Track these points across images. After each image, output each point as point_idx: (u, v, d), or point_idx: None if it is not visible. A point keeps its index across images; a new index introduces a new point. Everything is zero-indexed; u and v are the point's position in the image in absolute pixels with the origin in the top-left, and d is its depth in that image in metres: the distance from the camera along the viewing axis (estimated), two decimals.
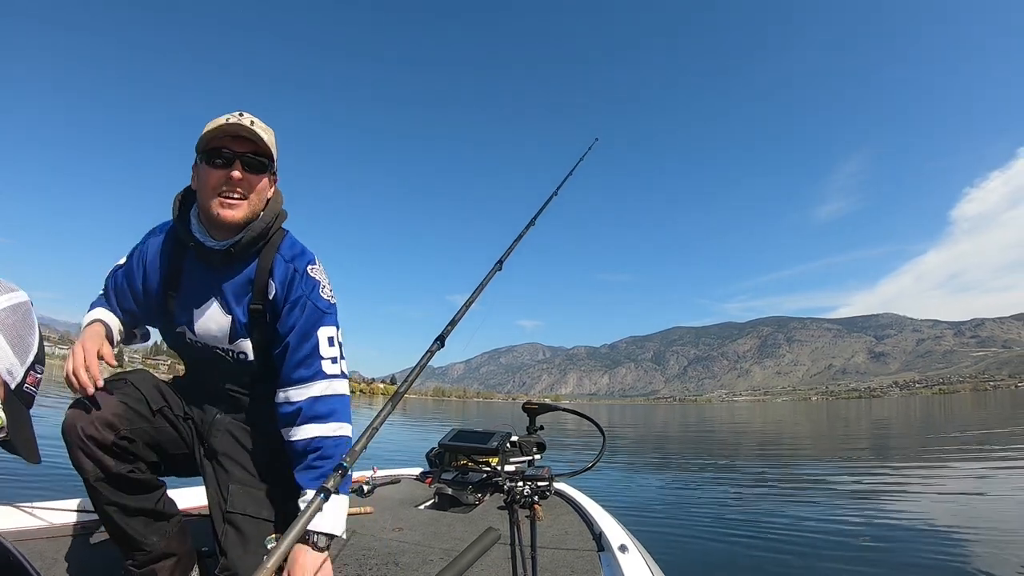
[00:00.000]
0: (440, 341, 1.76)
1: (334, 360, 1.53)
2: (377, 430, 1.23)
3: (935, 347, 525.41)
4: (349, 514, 1.72)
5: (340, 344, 1.57)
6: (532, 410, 2.25)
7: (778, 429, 22.58)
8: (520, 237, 2.44)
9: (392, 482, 2.94)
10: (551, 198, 2.67)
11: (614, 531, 1.88)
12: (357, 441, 1.17)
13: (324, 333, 1.53)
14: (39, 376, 0.94)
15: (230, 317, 1.53)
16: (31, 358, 0.90)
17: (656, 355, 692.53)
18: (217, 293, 1.52)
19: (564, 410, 2.33)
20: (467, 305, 2.10)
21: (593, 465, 2.22)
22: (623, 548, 1.65)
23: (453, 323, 1.90)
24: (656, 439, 16.41)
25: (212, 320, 1.54)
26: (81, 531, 1.80)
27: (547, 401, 2.34)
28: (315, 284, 1.54)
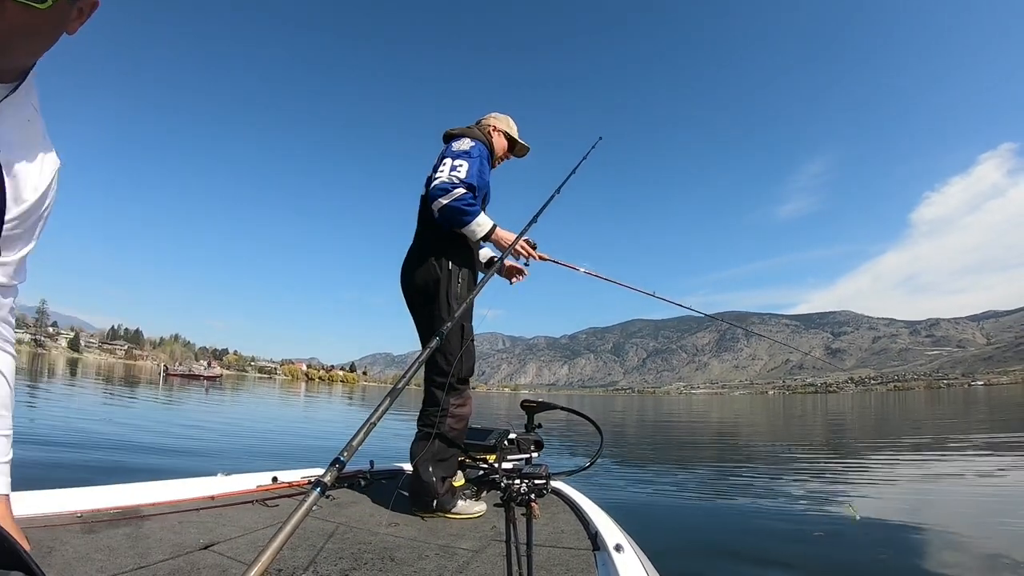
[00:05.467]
0: (440, 337, 1.77)
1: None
2: (375, 425, 1.22)
3: (891, 345, 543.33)
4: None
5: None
6: (530, 408, 2.26)
7: (753, 423, 23.09)
8: (521, 235, 2.44)
9: (389, 477, 2.91)
10: (553, 196, 2.68)
11: (610, 530, 1.89)
12: (354, 436, 1.16)
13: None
14: None
15: None
16: None
17: (616, 347, 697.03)
18: None
19: (563, 409, 2.34)
20: (470, 302, 2.11)
21: (591, 464, 2.23)
22: (619, 547, 1.66)
23: (452, 323, 1.91)
24: (635, 433, 16.62)
25: None
26: (78, 520, 1.75)
27: (542, 399, 2.33)
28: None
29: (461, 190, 2.37)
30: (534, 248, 2.61)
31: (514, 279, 2.80)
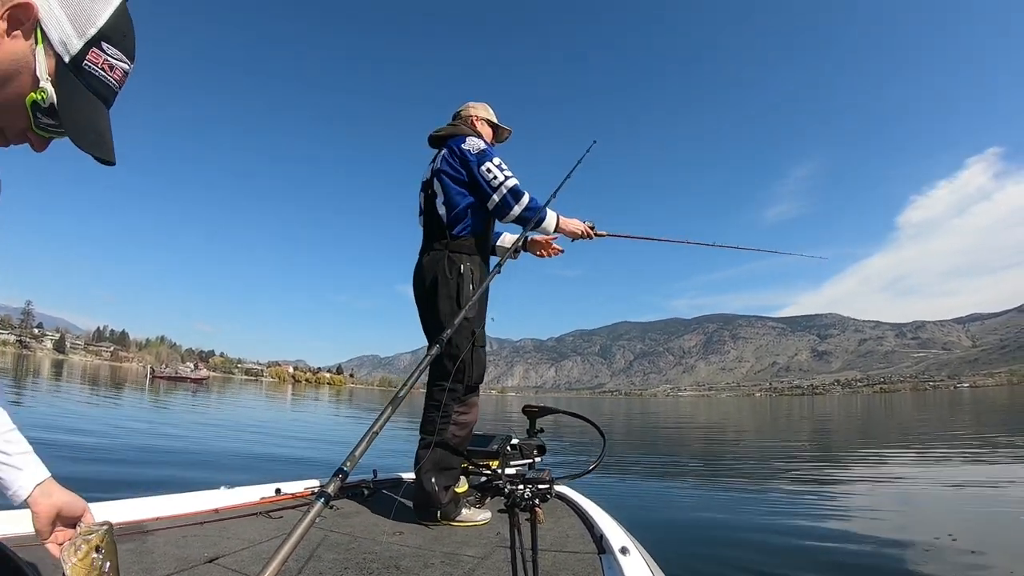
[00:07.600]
0: (440, 344, 1.77)
1: None
2: (377, 434, 1.22)
3: (877, 347, 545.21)
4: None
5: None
6: (532, 413, 2.26)
7: (742, 425, 23.18)
8: (518, 240, 2.45)
9: (392, 486, 2.89)
10: (549, 201, 2.68)
11: (615, 533, 1.89)
12: (357, 446, 1.16)
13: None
14: (111, 60, 0.75)
15: None
16: (94, 30, 0.72)
17: (603, 349, 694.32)
18: None
19: (565, 413, 2.33)
20: (469, 308, 2.11)
21: (594, 468, 2.22)
22: (624, 550, 1.66)
23: (454, 327, 1.91)
24: (627, 436, 16.59)
25: None
26: None
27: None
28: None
29: (525, 196, 2.47)
30: (592, 228, 2.70)
31: (545, 252, 2.86)
